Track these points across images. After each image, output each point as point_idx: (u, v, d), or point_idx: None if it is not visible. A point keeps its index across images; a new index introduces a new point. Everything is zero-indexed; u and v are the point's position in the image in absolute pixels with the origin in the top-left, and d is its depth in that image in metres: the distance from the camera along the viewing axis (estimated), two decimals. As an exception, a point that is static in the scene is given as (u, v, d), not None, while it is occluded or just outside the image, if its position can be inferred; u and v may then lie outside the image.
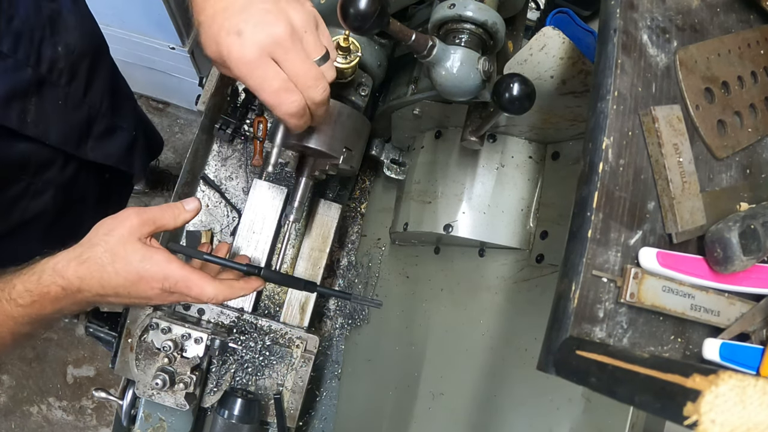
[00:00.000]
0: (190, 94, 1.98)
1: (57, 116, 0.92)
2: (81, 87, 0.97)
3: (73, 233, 0.69)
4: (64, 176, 0.98)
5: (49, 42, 0.88)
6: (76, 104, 0.97)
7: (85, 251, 0.66)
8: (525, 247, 0.81)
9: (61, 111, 0.93)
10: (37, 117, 0.86)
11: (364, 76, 0.80)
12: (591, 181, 0.44)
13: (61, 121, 0.93)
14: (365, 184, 1.20)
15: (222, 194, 1.13)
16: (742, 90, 0.53)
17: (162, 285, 0.67)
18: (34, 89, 0.86)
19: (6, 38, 0.80)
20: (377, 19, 0.53)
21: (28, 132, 0.85)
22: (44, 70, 0.87)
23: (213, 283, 0.69)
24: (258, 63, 0.57)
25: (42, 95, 0.87)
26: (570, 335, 0.41)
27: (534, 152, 0.83)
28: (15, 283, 0.67)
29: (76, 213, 1.07)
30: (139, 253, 0.66)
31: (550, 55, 0.64)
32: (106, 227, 0.67)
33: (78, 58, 0.95)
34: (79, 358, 2.20)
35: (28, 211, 0.93)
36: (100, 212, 0.70)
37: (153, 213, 0.69)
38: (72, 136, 0.97)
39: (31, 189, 0.92)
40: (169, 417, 0.94)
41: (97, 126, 1.04)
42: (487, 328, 0.82)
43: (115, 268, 0.65)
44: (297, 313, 0.99)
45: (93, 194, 1.11)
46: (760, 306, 0.48)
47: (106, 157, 1.07)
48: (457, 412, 0.82)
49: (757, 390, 0.30)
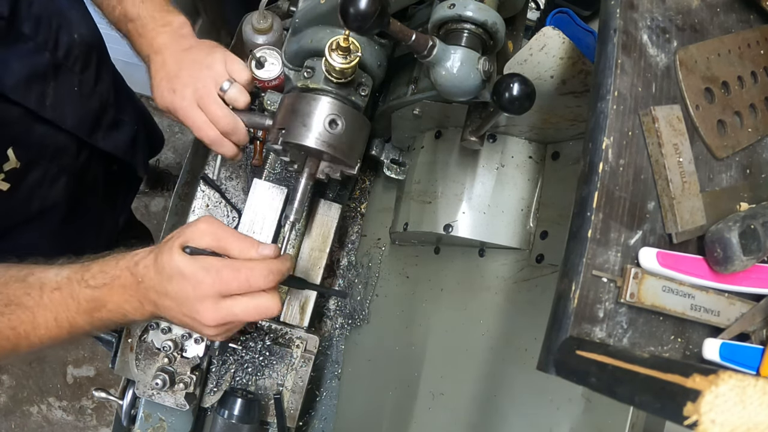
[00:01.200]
0: (190, 94, 1.97)
1: (72, 102, 0.93)
2: (92, 76, 1.00)
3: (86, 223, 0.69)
4: (78, 164, 1.00)
5: (66, 29, 0.90)
6: (89, 92, 0.99)
7: (161, 246, 0.65)
8: (525, 247, 0.81)
9: (76, 97, 0.94)
10: (55, 100, 0.88)
11: (364, 76, 0.80)
12: (591, 181, 0.44)
13: (77, 106, 0.95)
14: (365, 184, 1.20)
15: (222, 194, 1.13)
16: (742, 90, 0.53)
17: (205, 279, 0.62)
18: (51, 73, 0.87)
19: (27, 21, 0.82)
20: (377, 19, 0.53)
21: (46, 114, 0.86)
22: (61, 55, 0.89)
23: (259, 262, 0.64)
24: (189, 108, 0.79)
25: (59, 80, 0.89)
26: (570, 335, 0.41)
27: (534, 152, 0.83)
28: (91, 266, 0.68)
29: (87, 207, 1.07)
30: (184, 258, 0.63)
31: (550, 55, 0.64)
32: (182, 232, 0.66)
33: (89, 49, 0.97)
34: (79, 358, 2.20)
35: (47, 200, 0.94)
36: (108, 208, 0.71)
37: (228, 233, 0.66)
38: (85, 122, 0.99)
39: (48, 176, 0.92)
40: (169, 417, 0.94)
41: (106, 116, 1.06)
42: (487, 328, 0.82)
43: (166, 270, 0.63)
44: (297, 313, 0.99)
45: (102, 186, 1.13)
46: (760, 306, 0.48)
47: (115, 147, 1.09)
48: (457, 412, 0.82)
49: (757, 390, 0.30)
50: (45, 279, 0.67)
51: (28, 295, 0.66)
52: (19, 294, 0.66)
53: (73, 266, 0.69)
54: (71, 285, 0.66)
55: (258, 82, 1.15)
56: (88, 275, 0.67)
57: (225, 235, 0.66)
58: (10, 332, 0.66)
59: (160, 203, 2.33)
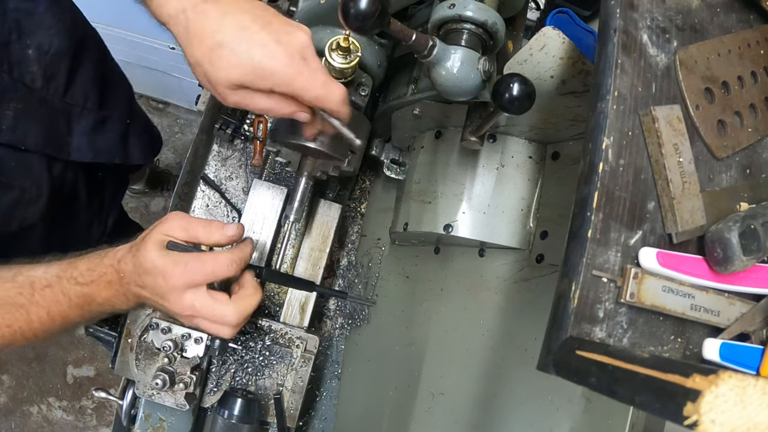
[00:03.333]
0: (190, 94, 1.98)
1: (35, 119, 0.90)
2: (60, 87, 0.96)
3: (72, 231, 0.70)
4: (53, 178, 0.97)
5: (17, 45, 0.86)
6: (56, 105, 0.95)
7: (137, 243, 0.72)
8: (525, 247, 0.81)
9: (38, 115, 0.91)
10: (14, 122, 0.85)
11: (364, 76, 0.80)
12: (591, 181, 0.44)
13: (41, 124, 0.91)
14: (365, 184, 1.20)
15: (222, 194, 1.13)
16: (742, 90, 0.53)
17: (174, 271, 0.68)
18: (10, 95, 0.85)
19: None
20: (377, 19, 0.53)
21: (3, 139, 0.84)
22: (16, 74, 0.86)
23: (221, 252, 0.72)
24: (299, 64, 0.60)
25: (17, 99, 0.86)
26: (570, 335, 0.41)
27: (534, 152, 0.83)
28: (78, 264, 0.72)
29: (72, 210, 1.06)
30: (158, 249, 0.70)
31: (550, 55, 0.64)
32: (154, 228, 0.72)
33: (54, 58, 0.93)
34: (79, 358, 2.20)
35: (26, 220, 0.93)
36: (95, 210, 0.72)
37: (194, 222, 0.73)
38: (52, 138, 0.95)
39: (25, 198, 0.91)
40: (169, 417, 0.94)
41: (81, 124, 1.01)
42: (487, 328, 0.82)
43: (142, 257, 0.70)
44: (297, 313, 0.99)
45: (84, 192, 1.09)
46: (760, 306, 0.48)
47: (94, 155, 1.05)
48: (457, 412, 0.82)
49: (757, 390, 0.30)
50: (34, 277, 0.71)
51: (20, 294, 0.70)
52: (12, 294, 0.70)
53: (60, 264, 0.73)
54: (61, 282, 0.71)
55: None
56: (76, 273, 0.71)
57: (192, 224, 0.73)
58: (6, 330, 0.71)
59: (160, 203, 2.33)
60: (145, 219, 2.22)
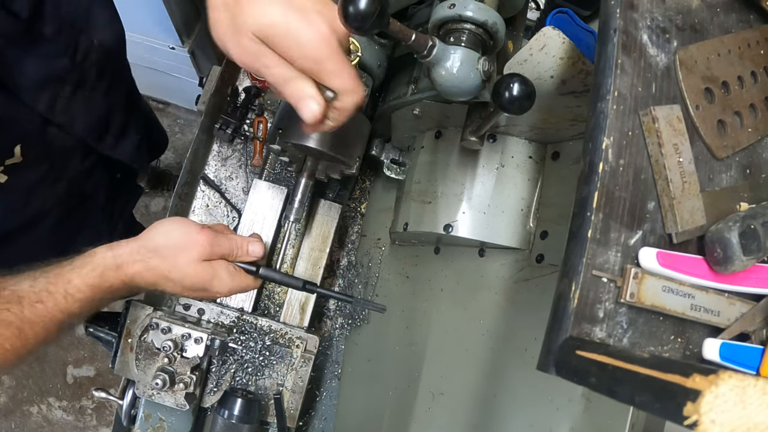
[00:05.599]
0: (190, 94, 1.98)
1: (84, 107, 0.92)
2: (106, 83, 0.98)
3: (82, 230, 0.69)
4: (82, 168, 0.99)
5: (87, 34, 0.89)
6: (101, 99, 0.98)
7: (152, 259, 0.72)
8: (525, 247, 0.81)
9: (87, 103, 0.93)
10: (67, 105, 0.87)
11: (364, 76, 0.80)
12: (591, 181, 0.44)
13: (88, 112, 0.94)
14: (365, 184, 1.20)
15: (222, 194, 1.13)
16: (742, 90, 0.53)
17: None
18: (67, 78, 0.87)
19: (50, 24, 0.80)
20: (377, 19, 0.53)
21: (55, 119, 0.86)
22: (79, 60, 0.88)
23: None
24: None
25: (74, 85, 0.88)
26: (570, 335, 0.41)
27: (534, 152, 0.83)
28: (70, 278, 0.69)
29: (85, 210, 1.07)
30: (208, 272, 0.76)
31: (550, 55, 0.64)
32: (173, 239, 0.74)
33: (106, 55, 0.96)
34: (79, 358, 2.20)
35: (45, 202, 0.94)
36: (106, 214, 0.72)
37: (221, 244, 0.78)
38: (95, 129, 0.98)
39: (50, 176, 0.92)
40: (169, 417, 0.94)
41: (115, 123, 1.05)
42: (487, 328, 0.82)
43: (183, 284, 0.75)
44: (297, 313, 0.99)
45: (103, 193, 1.12)
46: (760, 306, 0.48)
47: (122, 154, 1.08)
48: (457, 412, 0.82)
49: (757, 390, 0.30)
50: (21, 292, 0.66)
51: (7, 311, 0.65)
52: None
53: (47, 276, 0.68)
54: (54, 298, 0.67)
55: (258, 82, 1.15)
56: (72, 289, 0.68)
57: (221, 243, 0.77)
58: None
59: (160, 203, 2.34)
60: (145, 219, 2.21)
